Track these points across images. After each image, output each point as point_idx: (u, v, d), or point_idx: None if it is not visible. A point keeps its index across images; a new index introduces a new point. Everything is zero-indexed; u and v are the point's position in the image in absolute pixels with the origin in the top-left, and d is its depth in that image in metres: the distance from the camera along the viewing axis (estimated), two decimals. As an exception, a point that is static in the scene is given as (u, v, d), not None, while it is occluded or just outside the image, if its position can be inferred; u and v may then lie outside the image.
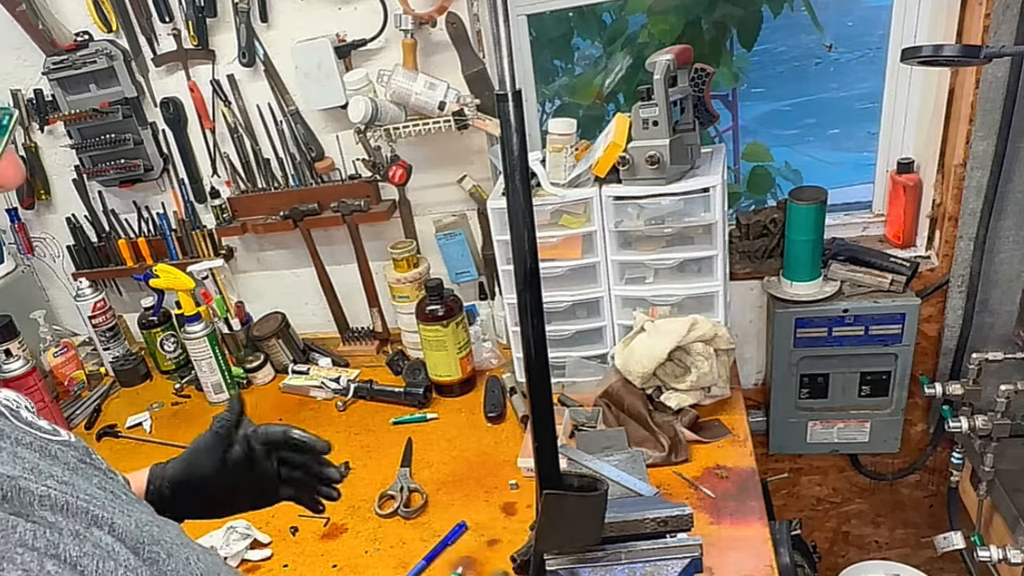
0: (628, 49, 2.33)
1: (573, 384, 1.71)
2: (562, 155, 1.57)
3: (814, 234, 1.66)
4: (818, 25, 2.40)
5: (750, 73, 2.97)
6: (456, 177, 1.84)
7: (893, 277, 1.67)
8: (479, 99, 1.67)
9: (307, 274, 2.06)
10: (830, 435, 1.88)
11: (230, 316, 2.03)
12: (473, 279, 1.92)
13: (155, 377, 2.16)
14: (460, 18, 1.65)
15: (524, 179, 0.76)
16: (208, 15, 1.76)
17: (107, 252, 2.14)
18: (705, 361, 1.52)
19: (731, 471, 1.41)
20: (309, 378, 1.95)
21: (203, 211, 2.05)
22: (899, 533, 2.14)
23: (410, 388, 1.81)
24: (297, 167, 1.91)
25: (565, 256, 1.63)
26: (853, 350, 1.74)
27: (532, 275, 0.79)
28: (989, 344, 1.72)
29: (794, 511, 2.14)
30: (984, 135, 1.53)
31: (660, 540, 0.93)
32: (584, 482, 0.88)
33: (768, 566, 1.20)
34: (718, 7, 2.22)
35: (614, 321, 1.68)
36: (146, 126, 1.93)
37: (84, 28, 1.84)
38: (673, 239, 1.60)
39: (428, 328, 1.74)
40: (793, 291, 1.73)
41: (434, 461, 1.61)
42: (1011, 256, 1.65)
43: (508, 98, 0.73)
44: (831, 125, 6.16)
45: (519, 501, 1.45)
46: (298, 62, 1.73)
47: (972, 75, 1.49)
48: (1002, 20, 1.41)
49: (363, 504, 1.51)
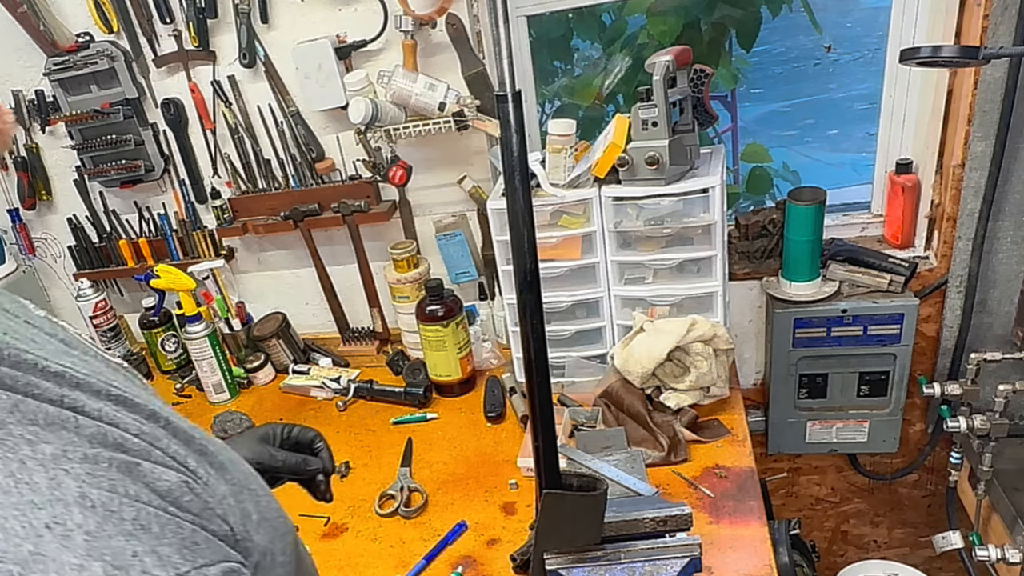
0: (627, 50, 2.33)
1: (573, 384, 1.72)
2: (562, 156, 1.58)
3: (813, 235, 1.66)
4: (817, 26, 2.41)
5: (749, 74, 2.97)
6: (456, 178, 1.84)
7: (892, 277, 1.68)
8: (479, 100, 1.67)
9: (307, 274, 2.07)
10: (829, 435, 1.89)
11: (231, 316, 2.04)
12: (473, 279, 1.92)
13: (156, 377, 2.16)
14: (460, 19, 1.65)
15: (524, 180, 0.76)
16: (209, 16, 1.77)
17: (108, 252, 2.14)
18: (704, 361, 1.53)
19: (730, 471, 1.42)
20: (309, 378, 1.96)
21: (204, 211, 2.05)
22: (898, 533, 2.14)
23: (410, 388, 1.81)
24: (298, 168, 1.92)
25: (565, 256, 1.63)
26: (852, 350, 1.74)
27: (532, 275, 0.79)
28: (987, 344, 1.73)
29: (793, 511, 2.14)
30: (982, 136, 1.53)
31: (659, 539, 0.93)
32: (584, 482, 0.88)
33: (767, 565, 1.21)
34: (717, 8, 2.22)
35: (613, 321, 1.69)
36: (147, 127, 1.94)
37: (85, 29, 1.84)
38: (672, 239, 1.60)
39: (428, 328, 1.74)
40: (792, 291, 1.74)
41: (434, 461, 1.61)
42: (1009, 256, 1.65)
43: (508, 99, 0.73)
44: (830, 126, 6.17)
45: (519, 501, 1.45)
46: (298, 63, 1.73)
47: (971, 76, 1.49)
48: (1000, 21, 1.42)
49: (363, 504, 1.51)
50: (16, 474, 0.41)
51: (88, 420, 0.46)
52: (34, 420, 0.44)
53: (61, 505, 0.41)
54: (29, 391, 0.45)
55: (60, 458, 0.43)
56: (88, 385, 0.49)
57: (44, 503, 0.41)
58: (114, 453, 0.46)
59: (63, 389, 0.47)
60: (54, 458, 0.43)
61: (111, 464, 0.45)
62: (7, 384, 0.45)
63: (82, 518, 0.41)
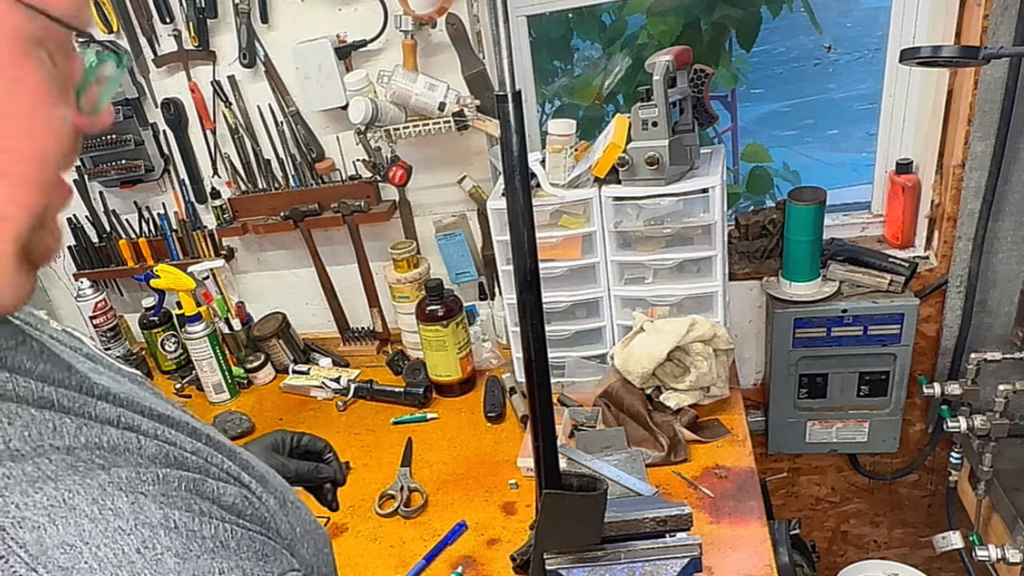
0: (627, 50, 2.33)
1: (573, 384, 1.71)
2: (562, 156, 1.57)
3: (813, 234, 1.66)
4: (817, 26, 2.41)
5: (749, 74, 2.97)
6: (456, 178, 1.84)
7: (892, 277, 1.68)
8: (479, 100, 1.67)
9: (307, 274, 2.07)
10: (829, 435, 1.89)
11: (231, 316, 2.04)
12: (473, 279, 1.92)
13: (156, 377, 2.16)
14: (460, 19, 1.65)
15: (524, 180, 0.76)
16: (209, 16, 1.76)
17: (108, 252, 2.14)
18: (704, 361, 1.53)
19: (730, 471, 1.42)
20: (309, 378, 1.96)
21: (204, 211, 2.05)
22: (898, 533, 2.14)
23: (410, 388, 1.81)
24: (298, 168, 1.92)
25: (565, 256, 1.63)
26: (852, 350, 1.74)
27: (532, 275, 0.79)
28: (987, 344, 1.73)
29: (793, 511, 2.14)
30: (982, 136, 1.53)
31: (659, 539, 0.93)
32: (584, 482, 0.88)
33: (767, 565, 1.21)
34: (717, 8, 2.22)
35: (613, 321, 1.69)
36: (147, 127, 1.94)
37: (85, 29, 1.84)
38: (672, 239, 1.60)
39: (428, 328, 1.74)
40: (792, 291, 1.74)
41: (434, 461, 1.61)
42: (1009, 256, 1.65)
43: (508, 99, 0.73)
44: (830, 126, 6.17)
45: (519, 501, 1.45)
46: (298, 63, 1.73)
47: (971, 76, 1.49)
48: (1000, 21, 1.42)
49: (363, 504, 1.51)
50: (99, 500, 0.40)
51: (148, 440, 0.46)
52: (99, 444, 0.44)
53: (147, 529, 0.41)
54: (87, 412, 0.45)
55: (135, 481, 0.43)
56: (131, 403, 0.49)
57: (131, 528, 0.40)
58: (181, 472, 0.46)
59: (118, 409, 0.47)
60: (130, 482, 0.42)
61: (180, 484, 0.45)
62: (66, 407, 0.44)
63: (168, 541, 0.41)
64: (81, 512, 0.39)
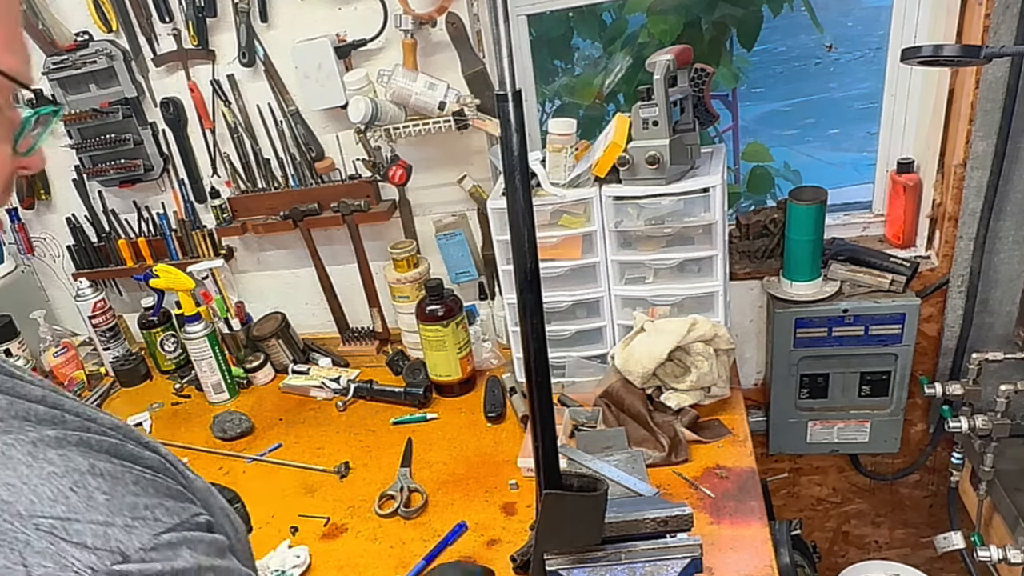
0: (628, 49, 2.33)
1: (573, 384, 1.71)
2: (562, 155, 1.57)
3: (814, 234, 1.66)
4: (818, 25, 2.41)
5: (750, 73, 2.97)
6: (456, 177, 1.84)
7: (893, 277, 1.67)
8: (479, 99, 1.66)
9: (307, 274, 2.06)
10: (830, 435, 1.88)
11: (230, 316, 2.03)
12: (473, 279, 1.92)
13: (155, 377, 2.16)
14: (460, 18, 1.65)
15: (524, 179, 0.76)
16: (208, 15, 1.76)
17: (107, 252, 2.14)
18: (705, 361, 1.52)
19: (731, 471, 1.41)
20: (309, 378, 1.95)
21: (203, 211, 2.05)
22: (899, 533, 2.14)
23: (410, 388, 1.81)
24: (297, 167, 1.91)
25: (565, 256, 1.63)
26: (853, 350, 1.74)
27: (532, 275, 0.79)
28: (989, 344, 1.72)
29: (794, 511, 2.14)
30: (984, 135, 1.53)
31: (660, 540, 0.92)
32: (584, 482, 0.88)
33: (768, 566, 1.20)
34: (718, 7, 2.22)
35: (614, 321, 1.68)
36: (146, 126, 1.93)
37: (84, 28, 1.84)
38: (673, 239, 1.60)
39: (428, 328, 1.74)
40: (793, 291, 1.73)
41: (434, 461, 1.61)
42: (1011, 256, 1.65)
43: (508, 98, 0.73)
44: (831, 125, 6.17)
45: (519, 501, 1.45)
46: (298, 62, 1.73)
47: (972, 75, 1.49)
48: (1002, 20, 1.41)
49: (363, 504, 1.51)
50: (32, 453, 0.49)
51: (71, 416, 0.55)
52: (27, 416, 0.52)
53: (77, 474, 0.49)
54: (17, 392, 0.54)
55: (63, 441, 0.51)
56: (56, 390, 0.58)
57: (63, 472, 0.49)
58: (101, 438, 0.54)
59: (44, 391, 0.56)
60: (58, 440, 0.51)
61: (101, 446, 0.54)
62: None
63: (96, 483, 0.50)
64: (18, 460, 0.48)
